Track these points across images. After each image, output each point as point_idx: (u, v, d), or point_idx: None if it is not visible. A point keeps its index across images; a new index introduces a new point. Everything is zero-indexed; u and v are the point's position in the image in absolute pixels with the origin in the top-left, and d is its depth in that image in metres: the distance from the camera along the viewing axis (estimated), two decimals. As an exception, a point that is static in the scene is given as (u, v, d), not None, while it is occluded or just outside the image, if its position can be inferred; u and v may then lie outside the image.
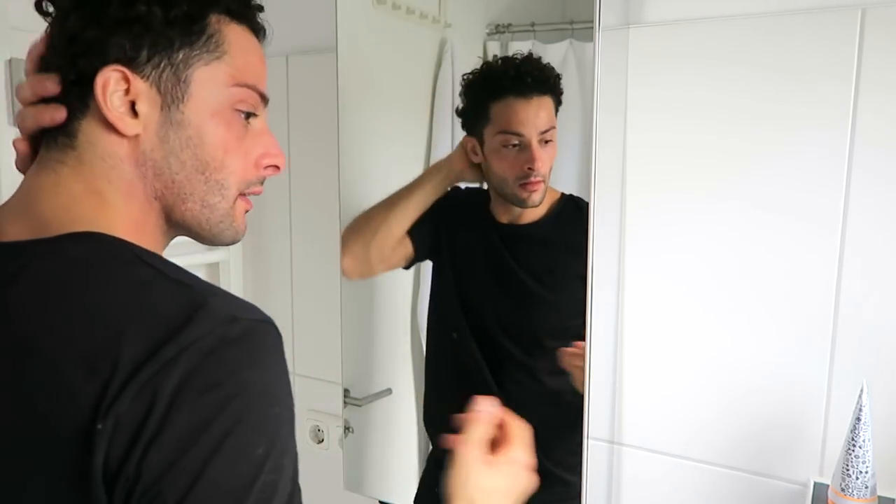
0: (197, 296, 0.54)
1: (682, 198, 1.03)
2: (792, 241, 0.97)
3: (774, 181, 0.97)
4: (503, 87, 1.17)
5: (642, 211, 1.07)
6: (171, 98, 0.59)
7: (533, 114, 1.16)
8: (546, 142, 1.15)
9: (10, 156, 1.10)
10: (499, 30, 1.28)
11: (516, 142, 1.16)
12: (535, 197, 1.19)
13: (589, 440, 1.13)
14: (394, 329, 1.41)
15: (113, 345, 0.50)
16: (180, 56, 0.58)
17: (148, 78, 0.58)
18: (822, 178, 0.94)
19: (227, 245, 0.67)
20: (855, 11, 0.90)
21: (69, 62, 0.58)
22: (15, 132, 0.70)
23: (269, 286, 1.55)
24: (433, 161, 1.36)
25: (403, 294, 1.39)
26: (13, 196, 0.62)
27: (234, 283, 1.53)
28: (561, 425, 1.22)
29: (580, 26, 1.18)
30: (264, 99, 0.65)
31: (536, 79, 1.15)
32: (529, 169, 1.15)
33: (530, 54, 1.18)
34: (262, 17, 0.67)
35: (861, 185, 0.92)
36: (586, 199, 1.10)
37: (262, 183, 0.66)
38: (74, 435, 0.49)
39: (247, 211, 0.66)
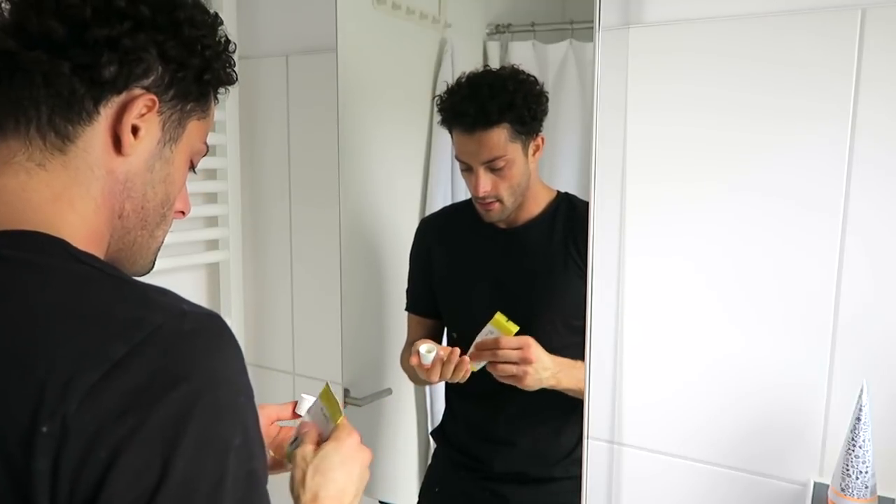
0: (140, 291, 0.54)
1: (681, 197, 1.03)
2: (792, 241, 0.97)
3: (774, 181, 0.97)
4: (449, 120, 1.24)
5: (642, 210, 1.07)
6: (169, 137, 0.65)
7: (474, 148, 1.20)
8: (495, 169, 1.19)
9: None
10: (499, 30, 1.28)
11: (466, 167, 1.22)
12: (492, 216, 1.24)
13: (589, 440, 1.13)
14: (394, 329, 1.41)
15: (48, 343, 0.48)
16: (189, 107, 0.66)
17: (162, 114, 0.64)
18: (822, 176, 0.94)
19: (139, 276, 0.69)
20: (855, 11, 0.90)
21: (105, 63, 0.59)
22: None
23: (269, 286, 1.55)
24: (433, 161, 1.37)
25: (403, 294, 1.40)
26: None
27: (234, 283, 1.53)
28: (560, 424, 1.22)
29: (580, 26, 1.18)
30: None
31: (478, 115, 1.18)
32: (476, 192, 1.21)
33: (481, 82, 1.22)
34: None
35: (862, 181, 0.92)
36: (585, 199, 1.10)
37: None
38: (11, 439, 0.46)
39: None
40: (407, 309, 1.40)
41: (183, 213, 0.73)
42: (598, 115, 1.06)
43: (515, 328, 1.17)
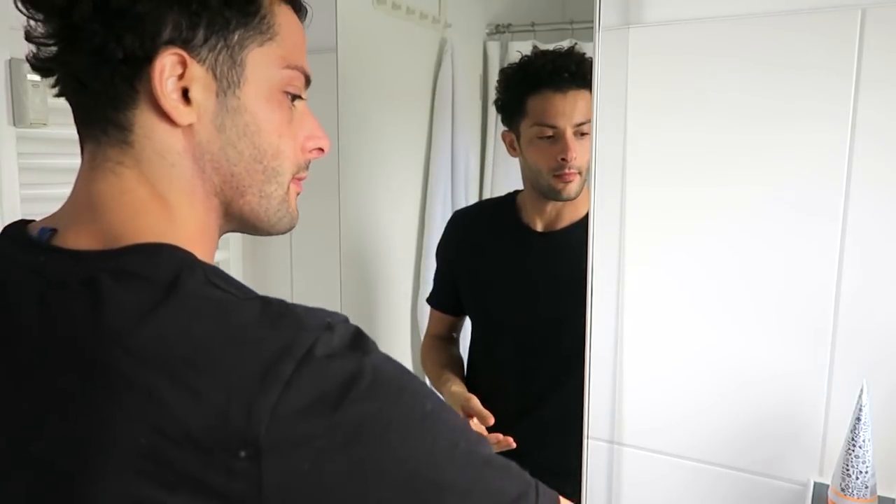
0: (281, 309, 0.51)
1: (681, 195, 1.03)
2: (791, 241, 0.97)
3: (774, 180, 0.97)
4: (540, 80, 1.17)
5: (642, 208, 1.07)
6: (227, 83, 0.55)
7: (569, 107, 1.16)
8: (582, 134, 1.16)
9: (10, 157, 1.10)
10: (499, 30, 1.28)
11: (551, 133, 1.16)
12: (571, 188, 1.18)
13: (589, 440, 1.13)
14: (394, 328, 1.41)
15: (215, 370, 0.46)
16: (236, 37, 0.55)
17: (204, 62, 0.54)
18: (822, 176, 0.94)
19: (284, 233, 0.63)
20: (855, 11, 0.90)
21: (114, 38, 0.51)
22: (15, 132, 0.67)
23: (269, 286, 1.55)
24: (433, 161, 1.36)
25: (403, 292, 1.40)
26: (70, 202, 0.57)
27: (234, 282, 1.53)
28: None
29: (580, 26, 1.18)
30: (308, 80, 0.63)
31: (574, 73, 1.15)
32: (563, 160, 1.16)
33: (571, 49, 1.18)
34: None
35: (862, 180, 0.92)
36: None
37: (307, 167, 0.64)
38: (205, 467, 0.45)
39: (298, 194, 0.63)
40: (429, 302, 1.37)
41: (321, 149, 0.64)
42: (597, 114, 1.06)
43: None
